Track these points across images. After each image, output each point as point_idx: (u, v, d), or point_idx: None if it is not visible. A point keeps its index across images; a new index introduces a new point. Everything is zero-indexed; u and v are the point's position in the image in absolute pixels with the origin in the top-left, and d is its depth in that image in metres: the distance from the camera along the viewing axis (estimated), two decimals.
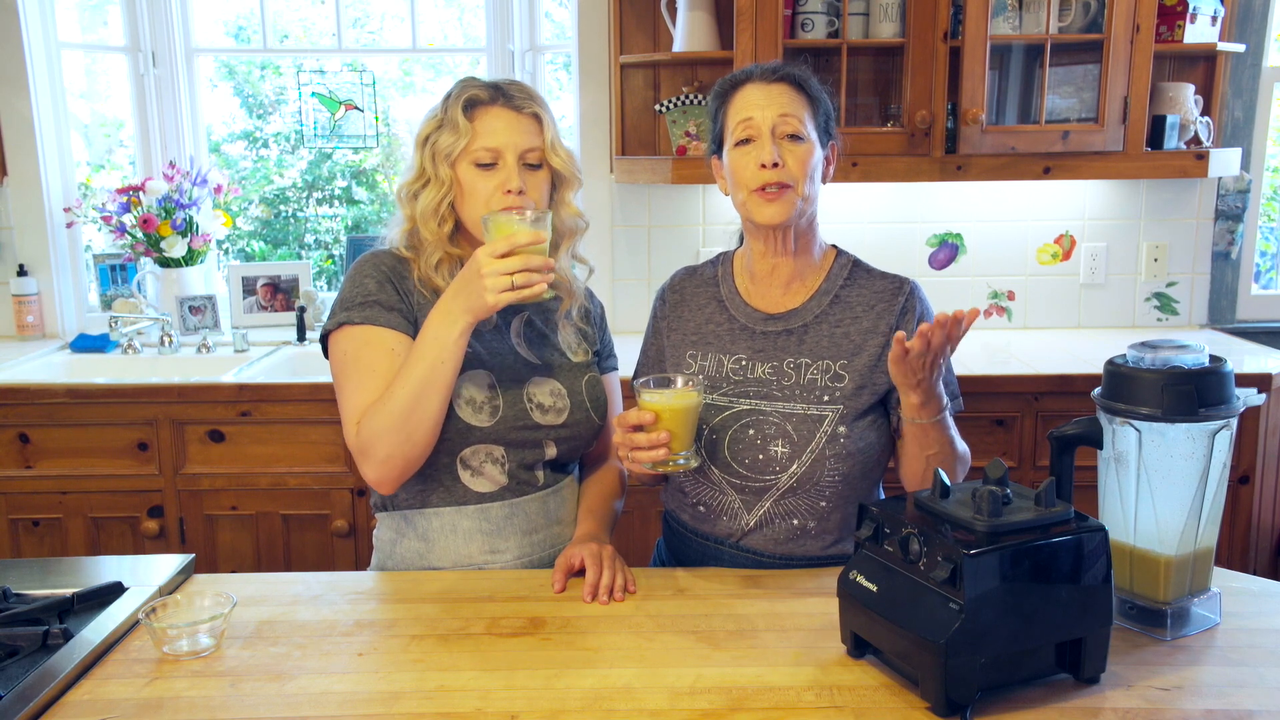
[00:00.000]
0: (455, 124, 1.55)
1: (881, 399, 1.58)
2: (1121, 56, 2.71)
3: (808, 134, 1.53)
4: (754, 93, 1.55)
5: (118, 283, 3.32)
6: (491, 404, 1.56)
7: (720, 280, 1.68)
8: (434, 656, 1.30)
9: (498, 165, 1.55)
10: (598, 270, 1.84)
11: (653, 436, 1.42)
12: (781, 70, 1.56)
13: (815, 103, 1.56)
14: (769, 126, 1.52)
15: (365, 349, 1.53)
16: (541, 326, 1.67)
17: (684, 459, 1.46)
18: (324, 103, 3.43)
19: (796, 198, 1.53)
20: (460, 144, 1.54)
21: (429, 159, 1.57)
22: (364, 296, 1.55)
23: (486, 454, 1.58)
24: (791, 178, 1.52)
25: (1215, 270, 3.20)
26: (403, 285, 1.58)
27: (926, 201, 3.15)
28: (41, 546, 2.69)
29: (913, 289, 1.60)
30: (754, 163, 1.52)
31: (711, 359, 1.62)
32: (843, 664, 1.27)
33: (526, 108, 1.57)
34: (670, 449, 1.43)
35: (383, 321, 1.53)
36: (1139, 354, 1.31)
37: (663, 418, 1.43)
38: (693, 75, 3.04)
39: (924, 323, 1.37)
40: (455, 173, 1.56)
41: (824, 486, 1.54)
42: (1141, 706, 1.16)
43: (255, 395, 2.62)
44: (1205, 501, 1.30)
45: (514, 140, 1.55)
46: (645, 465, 1.45)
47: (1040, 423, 2.63)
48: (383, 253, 1.62)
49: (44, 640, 1.29)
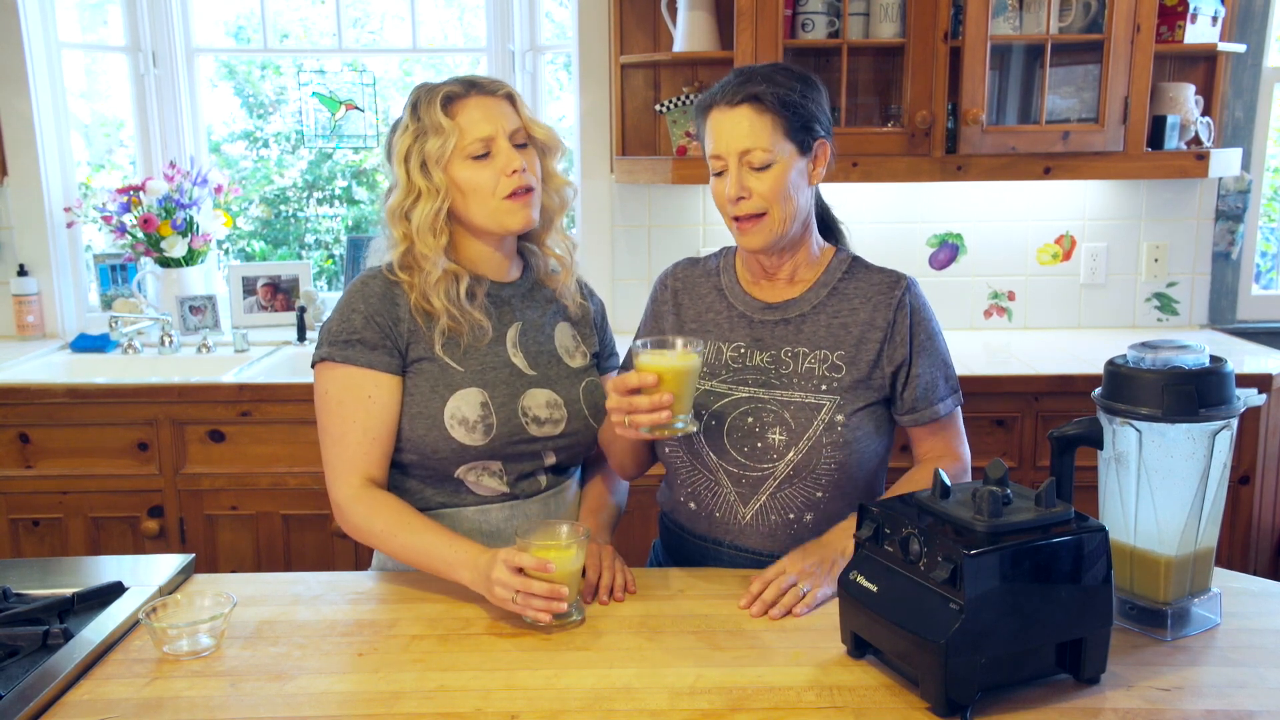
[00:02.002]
0: (439, 126, 1.52)
1: (884, 399, 1.58)
2: (1122, 56, 2.71)
3: (776, 155, 1.50)
4: (720, 121, 1.52)
5: (118, 283, 3.32)
6: (485, 422, 1.54)
7: (722, 271, 1.68)
8: (434, 656, 1.30)
9: (491, 153, 1.53)
10: (598, 270, 1.84)
11: (654, 399, 1.38)
12: (742, 92, 1.51)
13: (784, 115, 1.51)
14: (734, 156, 1.51)
15: (345, 394, 1.52)
16: (537, 334, 1.65)
17: (683, 423, 1.41)
18: (324, 103, 3.43)
19: (773, 222, 1.53)
20: (450, 144, 1.52)
21: (416, 171, 1.53)
22: (349, 333, 1.53)
23: (483, 468, 1.57)
24: (764, 204, 1.51)
25: (1215, 270, 3.20)
26: (392, 314, 1.54)
27: (927, 201, 3.15)
28: (41, 546, 2.69)
29: (909, 285, 1.60)
30: (726, 194, 1.53)
31: (710, 346, 1.62)
32: (843, 664, 1.27)
33: (499, 90, 1.56)
34: (671, 412, 1.39)
35: (363, 362, 1.52)
36: (1139, 354, 1.31)
37: (665, 379, 1.38)
38: (693, 75, 3.04)
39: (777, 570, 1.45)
40: (449, 176, 1.54)
41: (820, 475, 1.54)
42: (1141, 707, 1.16)
43: (255, 395, 2.62)
44: (1205, 502, 1.30)
45: (500, 124, 1.53)
46: (644, 430, 1.40)
47: (1040, 423, 2.63)
48: (375, 278, 1.57)
49: (44, 640, 1.29)
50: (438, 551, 1.45)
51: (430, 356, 1.55)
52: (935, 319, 1.62)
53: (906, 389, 1.57)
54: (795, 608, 1.40)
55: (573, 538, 1.39)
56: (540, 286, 1.69)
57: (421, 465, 1.56)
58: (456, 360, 1.56)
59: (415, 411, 1.54)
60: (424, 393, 1.54)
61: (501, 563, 1.35)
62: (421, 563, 1.48)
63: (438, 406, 1.53)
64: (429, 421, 1.53)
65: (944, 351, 1.62)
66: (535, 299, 1.67)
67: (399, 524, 1.48)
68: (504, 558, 1.35)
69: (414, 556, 1.48)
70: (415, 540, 1.47)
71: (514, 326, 1.63)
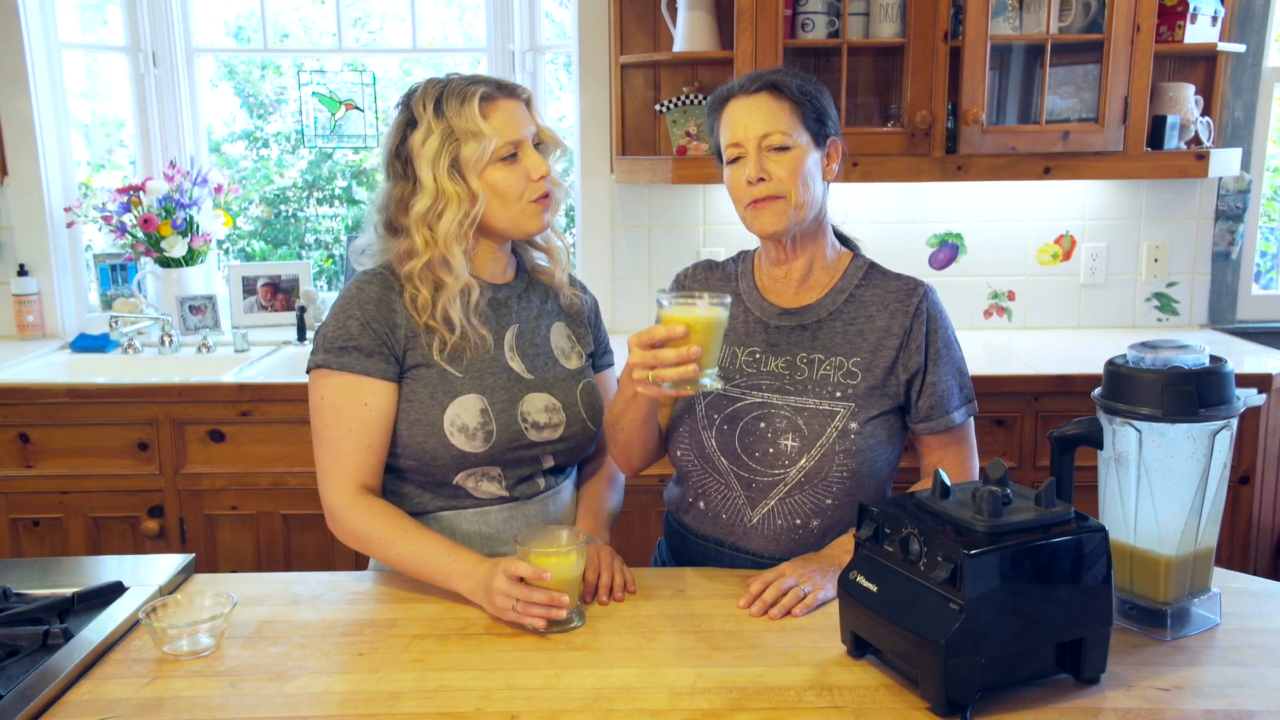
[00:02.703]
0: (477, 130, 1.47)
1: (898, 407, 1.58)
2: (1122, 56, 2.71)
3: (795, 140, 1.52)
4: (738, 109, 1.54)
5: (118, 283, 3.32)
6: (485, 429, 1.53)
7: (739, 276, 1.68)
8: (434, 656, 1.30)
9: (518, 156, 1.52)
10: (598, 270, 1.83)
11: (682, 351, 1.32)
12: (761, 79, 1.54)
13: (802, 105, 1.54)
14: (753, 143, 1.52)
15: (341, 401, 1.51)
16: (533, 335, 1.64)
17: (709, 379, 1.35)
18: (324, 102, 3.43)
19: (789, 206, 1.52)
20: (490, 148, 1.48)
21: (445, 176, 1.48)
22: (345, 340, 1.51)
23: (483, 474, 1.57)
24: (782, 188, 1.52)
25: (1215, 270, 3.20)
26: (389, 320, 1.51)
27: (927, 201, 3.15)
28: (42, 546, 2.69)
29: (926, 292, 1.60)
30: (744, 179, 1.53)
31: (725, 351, 1.62)
32: (843, 664, 1.27)
33: (523, 94, 1.56)
34: (699, 366, 1.33)
35: (359, 369, 1.50)
36: (1139, 354, 1.31)
37: (694, 331, 1.33)
38: (693, 75, 3.04)
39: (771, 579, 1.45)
40: (483, 181, 1.50)
41: (831, 482, 1.54)
42: (1141, 707, 1.16)
43: (255, 395, 2.62)
44: (1205, 502, 1.30)
45: (527, 128, 1.53)
46: (667, 386, 1.34)
47: (1040, 423, 2.63)
48: (371, 283, 1.54)
49: (44, 640, 1.29)
50: (436, 560, 1.45)
51: (428, 363, 1.53)
52: (951, 327, 1.61)
53: (921, 397, 1.57)
54: (794, 609, 1.40)
55: (572, 543, 1.39)
56: (535, 284, 1.68)
57: (420, 471, 1.55)
58: (455, 367, 1.54)
59: (414, 419, 1.52)
60: (423, 400, 1.53)
61: (502, 572, 1.35)
62: (418, 570, 1.47)
63: (437, 414, 1.52)
64: (428, 429, 1.52)
65: (960, 360, 1.61)
66: (530, 299, 1.66)
67: (396, 531, 1.47)
68: (504, 568, 1.35)
69: (410, 564, 1.47)
70: (412, 548, 1.46)
71: (511, 329, 1.62)
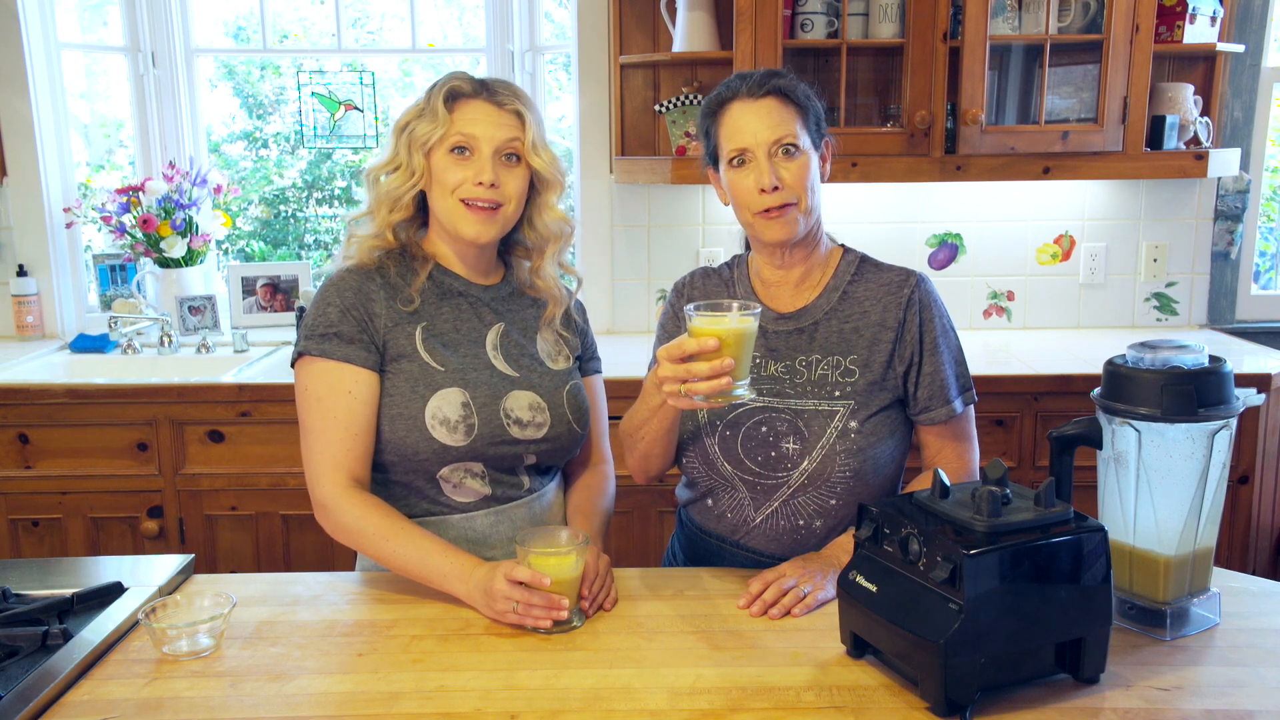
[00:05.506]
0: (435, 113, 1.53)
1: (899, 400, 1.58)
2: (1121, 57, 2.71)
3: (803, 146, 1.52)
4: (744, 111, 1.52)
5: (117, 283, 3.32)
6: (466, 422, 1.53)
7: (736, 282, 1.68)
8: (433, 656, 1.30)
9: (472, 155, 1.53)
10: (598, 270, 1.83)
11: (715, 364, 1.30)
12: (768, 83, 1.53)
13: (805, 110, 1.54)
14: (763, 148, 1.50)
15: (325, 388, 1.51)
16: (519, 337, 1.63)
17: (743, 389, 1.34)
18: (324, 103, 3.43)
19: (799, 214, 1.52)
20: (437, 133, 1.52)
21: (404, 146, 1.55)
22: (325, 327, 1.52)
23: (465, 470, 1.56)
24: (793, 195, 1.51)
25: (1215, 270, 3.20)
26: (368, 309, 1.53)
27: (926, 201, 3.15)
28: (41, 546, 2.69)
29: (919, 281, 1.59)
30: (754, 186, 1.51)
31: None
32: (843, 664, 1.27)
33: (508, 104, 1.55)
34: (733, 378, 1.32)
35: (340, 355, 1.51)
36: (1138, 354, 1.31)
37: (726, 343, 1.31)
38: (692, 75, 3.04)
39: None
40: (429, 162, 1.55)
41: (835, 483, 1.54)
42: (1141, 706, 1.16)
43: (255, 395, 2.62)
44: (1205, 501, 1.30)
45: (490, 133, 1.52)
46: (699, 399, 1.33)
47: (1040, 423, 2.63)
48: (350, 273, 1.57)
49: (44, 640, 1.29)
50: (432, 560, 1.44)
51: (410, 355, 1.53)
52: (947, 316, 1.61)
53: (919, 387, 1.57)
54: (794, 609, 1.40)
55: (572, 544, 1.39)
56: (520, 294, 1.67)
57: (402, 466, 1.54)
58: (437, 360, 1.54)
59: (395, 412, 1.52)
60: (404, 393, 1.52)
61: (502, 576, 1.35)
62: (412, 569, 1.46)
63: (418, 407, 1.52)
64: (410, 422, 1.51)
65: (956, 349, 1.61)
66: (516, 304, 1.65)
67: (391, 528, 1.47)
68: (505, 572, 1.36)
69: (404, 562, 1.46)
70: (408, 547, 1.45)
71: (494, 329, 1.61)
